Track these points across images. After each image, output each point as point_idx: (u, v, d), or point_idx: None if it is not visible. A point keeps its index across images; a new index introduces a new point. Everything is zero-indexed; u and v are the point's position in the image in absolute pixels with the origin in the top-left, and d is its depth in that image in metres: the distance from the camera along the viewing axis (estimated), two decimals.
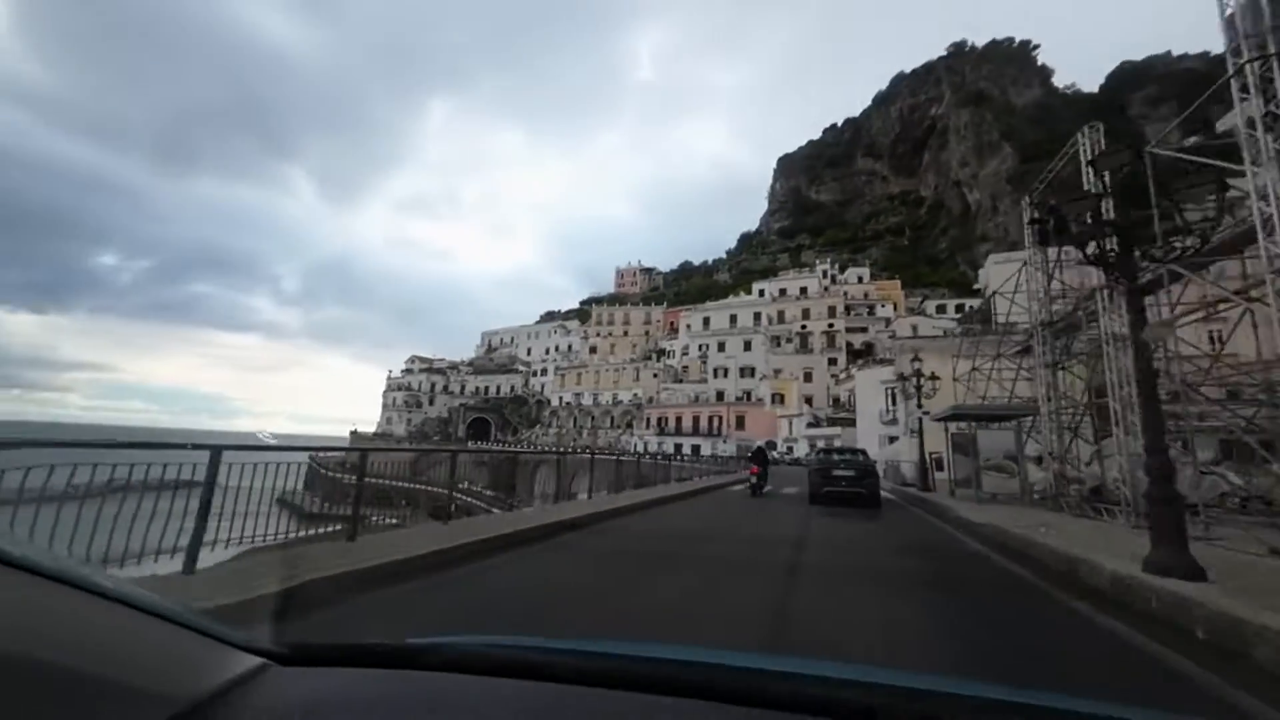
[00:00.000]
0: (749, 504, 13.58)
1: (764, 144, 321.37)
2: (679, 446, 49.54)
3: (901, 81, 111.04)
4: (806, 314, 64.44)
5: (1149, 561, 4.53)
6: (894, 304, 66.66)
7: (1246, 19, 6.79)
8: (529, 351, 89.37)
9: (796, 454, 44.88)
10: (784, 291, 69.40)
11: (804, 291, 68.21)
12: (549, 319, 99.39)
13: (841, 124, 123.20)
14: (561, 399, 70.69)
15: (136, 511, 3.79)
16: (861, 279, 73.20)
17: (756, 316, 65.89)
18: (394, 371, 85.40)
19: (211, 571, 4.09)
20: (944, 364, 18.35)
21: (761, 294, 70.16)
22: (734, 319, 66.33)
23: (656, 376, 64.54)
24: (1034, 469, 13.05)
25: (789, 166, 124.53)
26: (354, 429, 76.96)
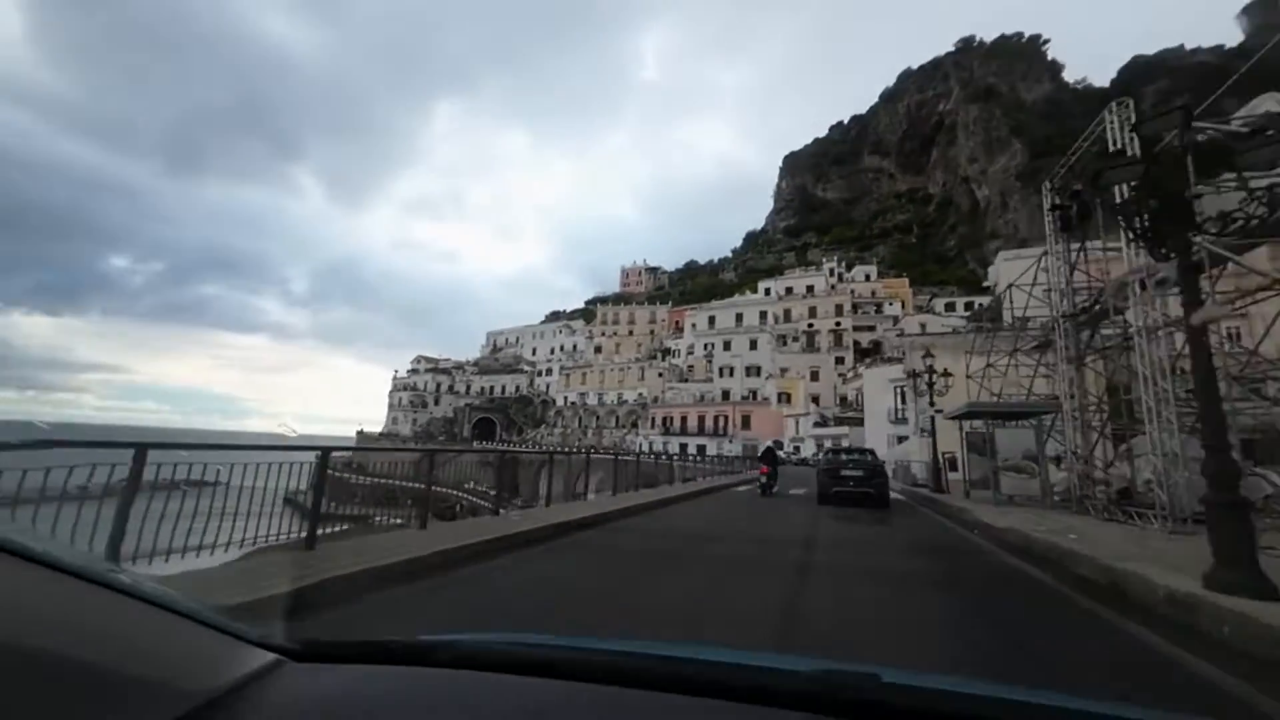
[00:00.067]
0: (758, 504, 13.32)
1: (770, 142, 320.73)
2: (684, 446, 48.97)
3: (909, 78, 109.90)
4: (813, 312, 63.70)
5: (1212, 577, 3.94)
6: (902, 302, 65.79)
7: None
8: (534, 351, 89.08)
9: (803, 454, 44.21)
10: (790, 290, 68.67)
11: (810, 290, 67.49)
12: (554, 319, 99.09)
13: (848, 121, 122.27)
14: (566, 399, 70.35)
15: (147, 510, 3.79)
16: (869, 277, 72.37)
17: (762, 315, 65.19)
18: (400, 372, 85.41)
19: (223, 570, 4.18)
20: (956, 361, 17.75)
21: (768, 292, 69.44)
22: (740, 318, 65.66)
23: (662, 376, 64.02)
24: (1053, 470, 12.46)
25: (795, 165, 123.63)
26: (360, 429, 77.05)
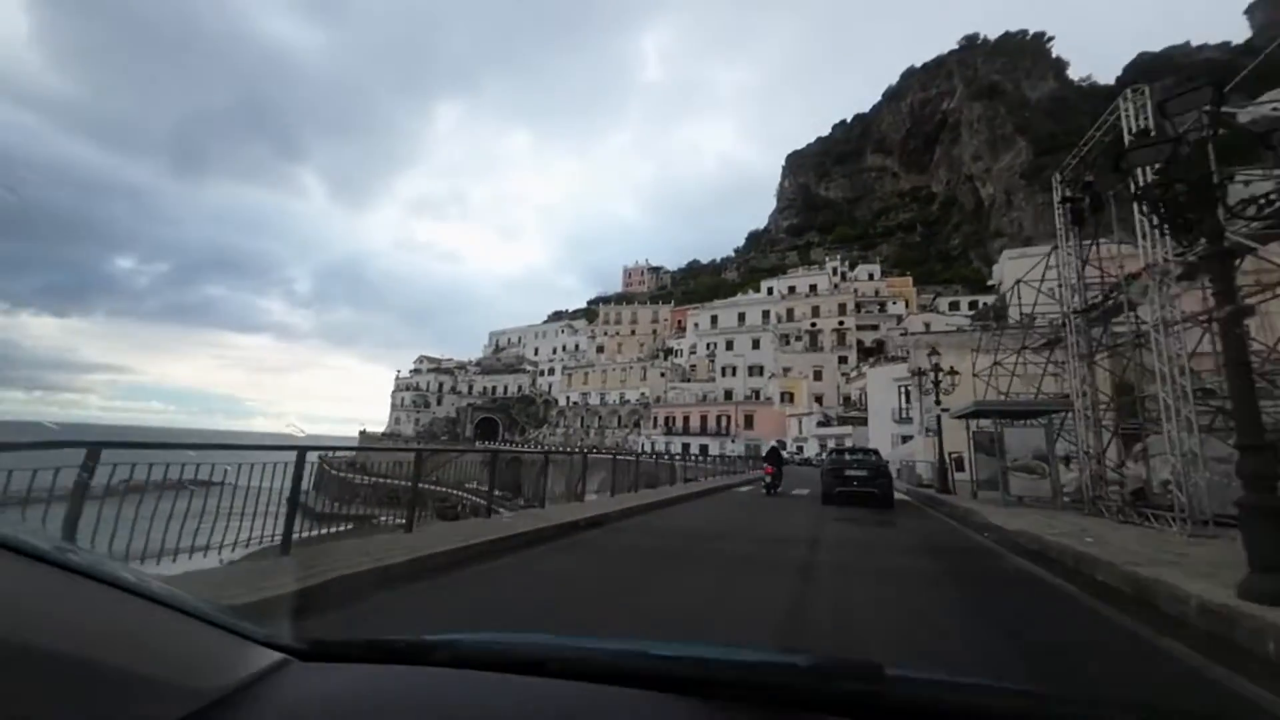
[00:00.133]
0: (762, 504, 13.17)
1: (772, 141, 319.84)
2: (687, 446, 48.69)
3: (912, 76, 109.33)
4: (816, 311, 63.34)
5: (1250, 586, 3.67)
6: (906, 301, 65.41)
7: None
8: (536, 351, 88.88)
9: (806, 454, 43.86)
10: (793, 289, 68.30)
11: (813, 289, 67.11)
12: (556, 319, 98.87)
13: (851, 120, 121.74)
14: (569, 399, 70.15)
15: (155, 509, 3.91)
16: (872, 276, 71.97)
17: (765, 314, 64.85)
18: (402, 371, 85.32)
19: (231, 569, 4.21)
20: (962, 359, 17.46)
21: (770, 292, 69.08)
22: (742, 317, 65.35)
23: (664, 376, 63.74)
24: (1063, 470, 12.16)
25: (798, 164, 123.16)
26: (363, 429, 77.09)
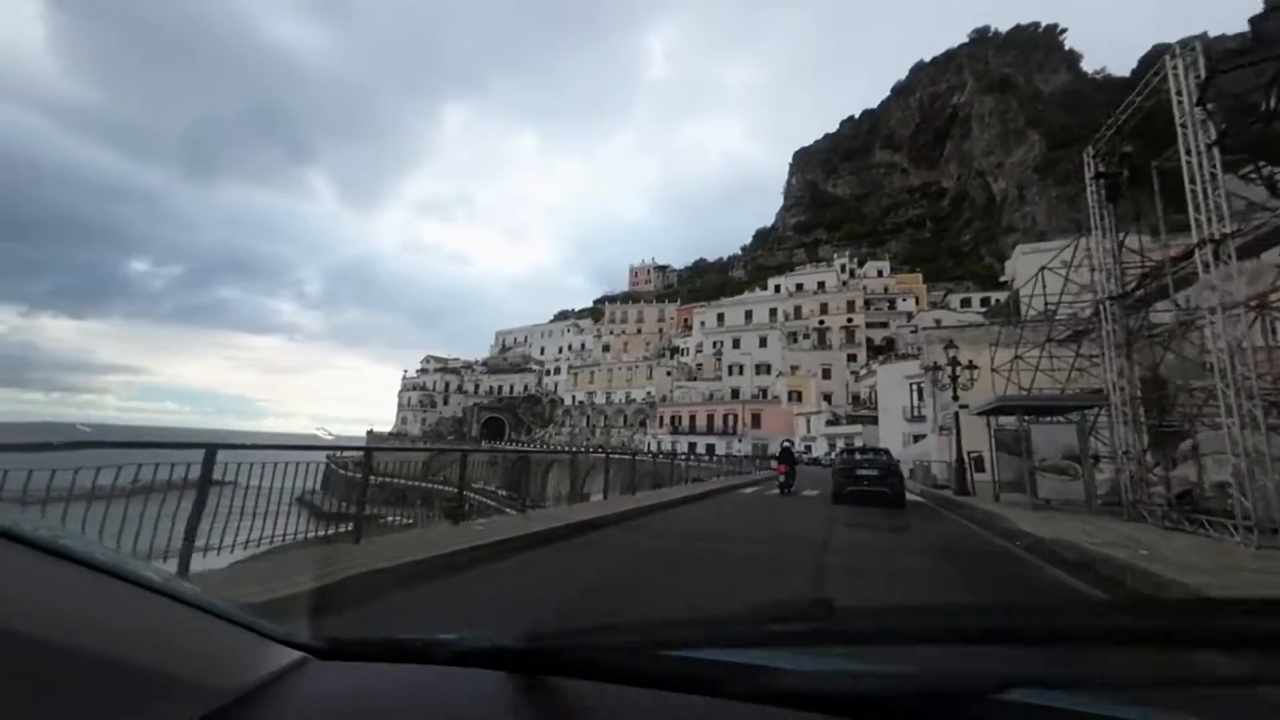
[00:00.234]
0: (772, 504, 12.79)
1: (779, 139, 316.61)
2: (693, 446, 47.96)
3: (921, 70, 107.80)
4: (824, 309, 62.36)
5: None
6: (916, 298, 64.29)
7: None
8: (542, 350, 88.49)
9: (815, 453, 43.02)
10: (801, 286, 67.34)
11: (822, 286, 66.12)
12: (562, 318, 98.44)
13: (859, 116, 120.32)
14: (575, 398, 69.68)
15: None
16: (881, 273, 70.89)
17: (772, 312, 63.95)
18: (409, 371, 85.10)
19: (246, 568, 4.24)
20: (979, 354, 16.70)
21: (778, 289, 68.17)
22: (749, 315, 64.48)
23: (670, 374, 63.07)
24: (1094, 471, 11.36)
25: (805, 161, 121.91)
26: (370, 429, 76.79)
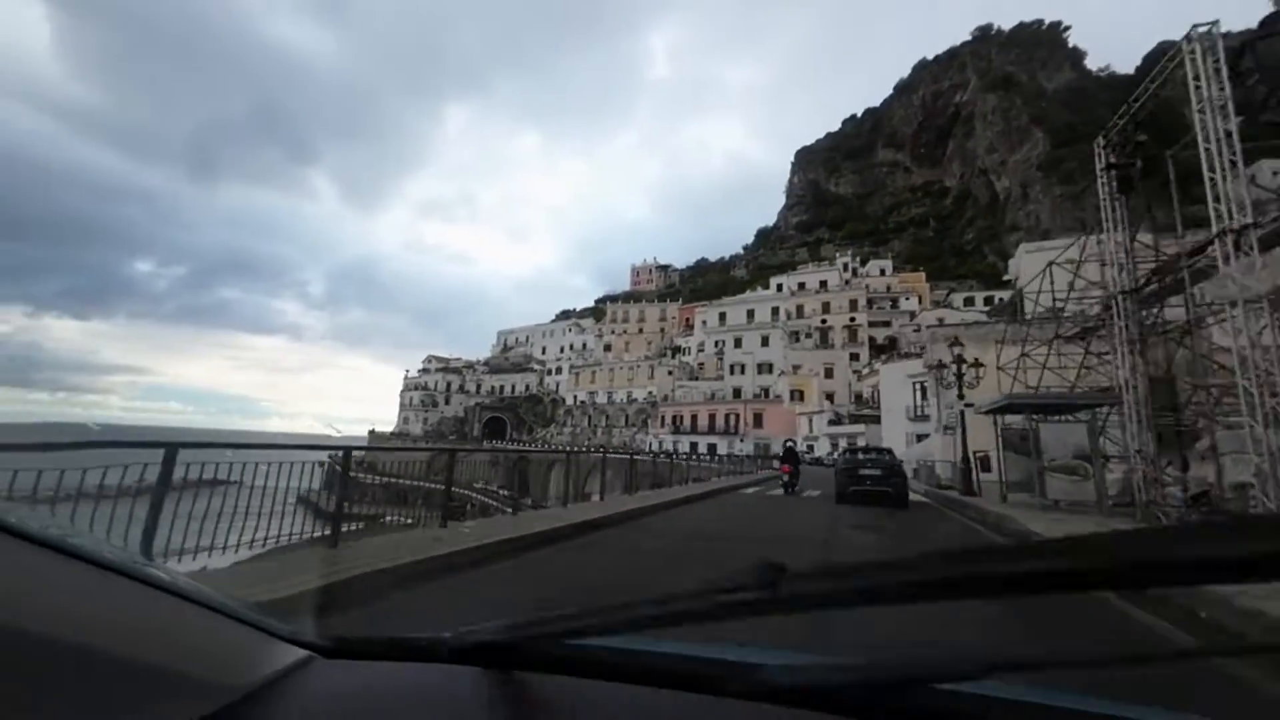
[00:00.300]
0: (775, 504, 12.67)
1: (781, 138, 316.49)
2: (694, 445, 47.76)
3: (924, 69, 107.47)
4: (826, 308, 62.12)
5: None
6: (919, 297, 64.02)
7: None
8: (544, 350, 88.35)
9: (817, 452, 42.78)
10: (803, 285, 67.09)
11: (824, 285, 65.86)
12: (564, 317, 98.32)
13: (861, 114, 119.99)
14: (576, 397, 69.50)
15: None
16: (884, 272, 70.66)
17: (774, 311, 63.70)
18: (411, 371, 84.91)
19: (253, 567, 4.28)
20: (985, 352, 16.49)
21: (779, 288, 67.92)
22: (751, 314, 64.23)
23: (671, 374, 62.87)
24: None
25: (807, 159, 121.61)
26: (372, 429, 76.73)
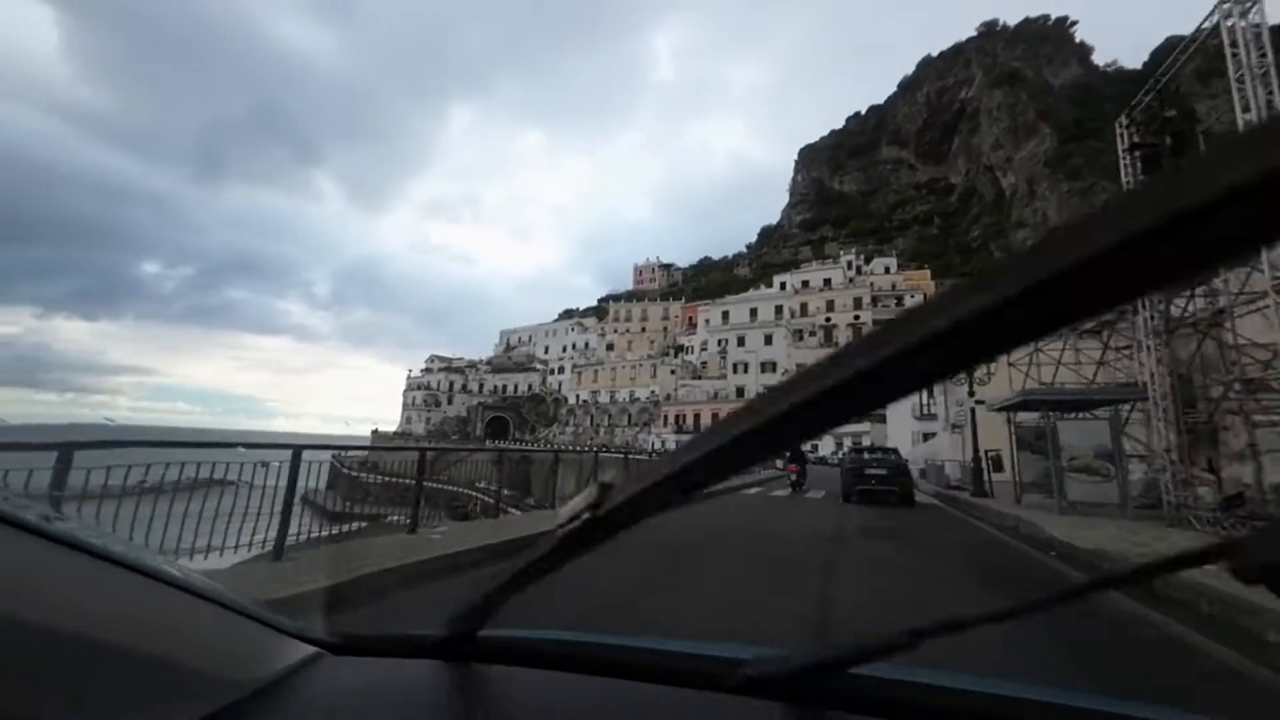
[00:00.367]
0: (779, 505, 12.42)
1: (785, 136, 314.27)
2: None
3: (929, 65, 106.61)
4: (831, 306, 61.53)
5: None
6: (924, 294, 63.24)
7: None
8: (547, 350, 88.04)
9: (821, 451, 42.34)
10: (807, 283, 66.48)
11: (828, 283, 65.23)
12: (567, 316, 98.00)
13: (865, 112, 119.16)
14: (579, 397, 69.17)
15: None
16: (889, 269, 69.99)
17: (778, 309, 63.13)
18: (414, 371, 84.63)
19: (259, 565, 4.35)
20: None
21: (783, 286, 67.29)
22: (754, 312, 63.67)
23: (674, 373, 62.45)
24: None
25: (811, 157, 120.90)
26: (375, 428, 76.62)
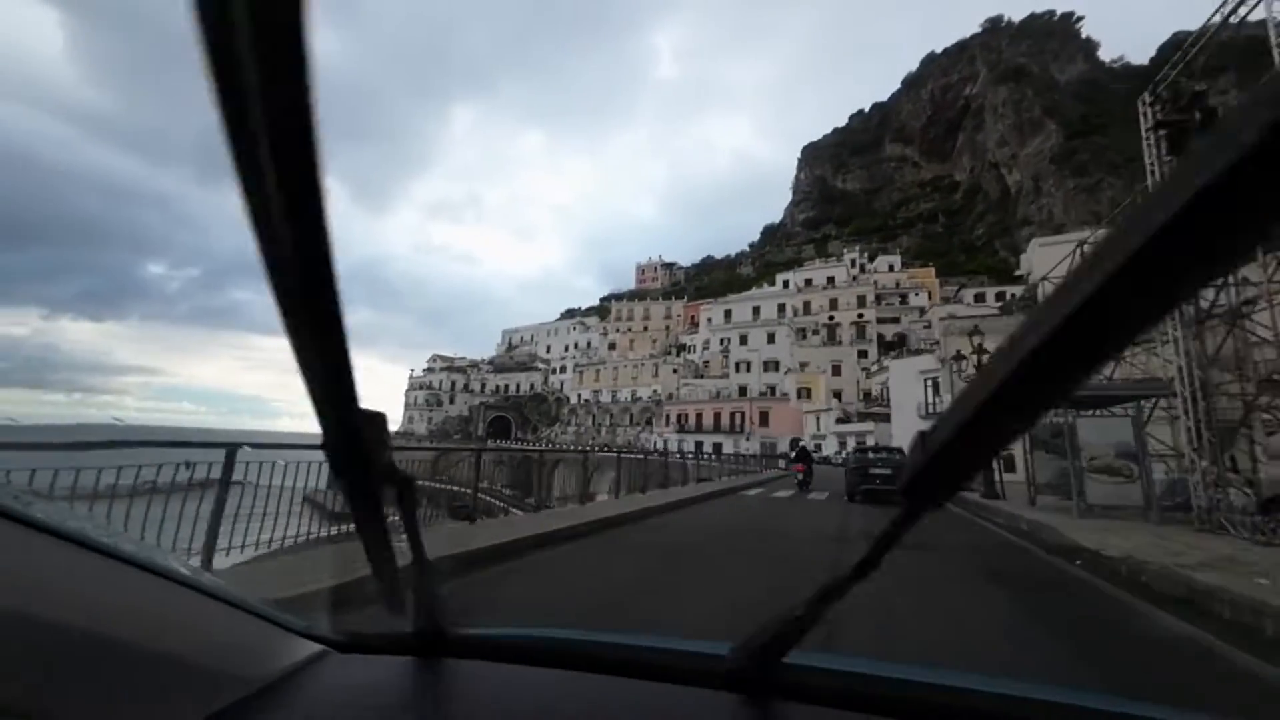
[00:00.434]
0: (781, 505, 12.19)
1: (788, 134, 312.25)
2: (700, 444, 46.79)
3: (932, 61, 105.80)
4: (834, 304, 60.91)
5: None
6: (929, 292, 62.63)
7: None
8: (549, 349, 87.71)
9: (825, 451, 41.68)
10: (810, 282, 65.89)
11: (831, 281, 64.62)
12: (569, 316, 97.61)
13: (869, 109, 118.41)
14: (581, 396, 68.87)
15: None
16: (893, 267, 69.36)
17: (781, 308, 62.57)
18: (415, 370, 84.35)
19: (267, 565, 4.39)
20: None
21: (786, 285, 66.75)
22: (757, 311, 63.12)
23: (676, 372, 62.04)
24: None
25: (814, 155, 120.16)
26: None
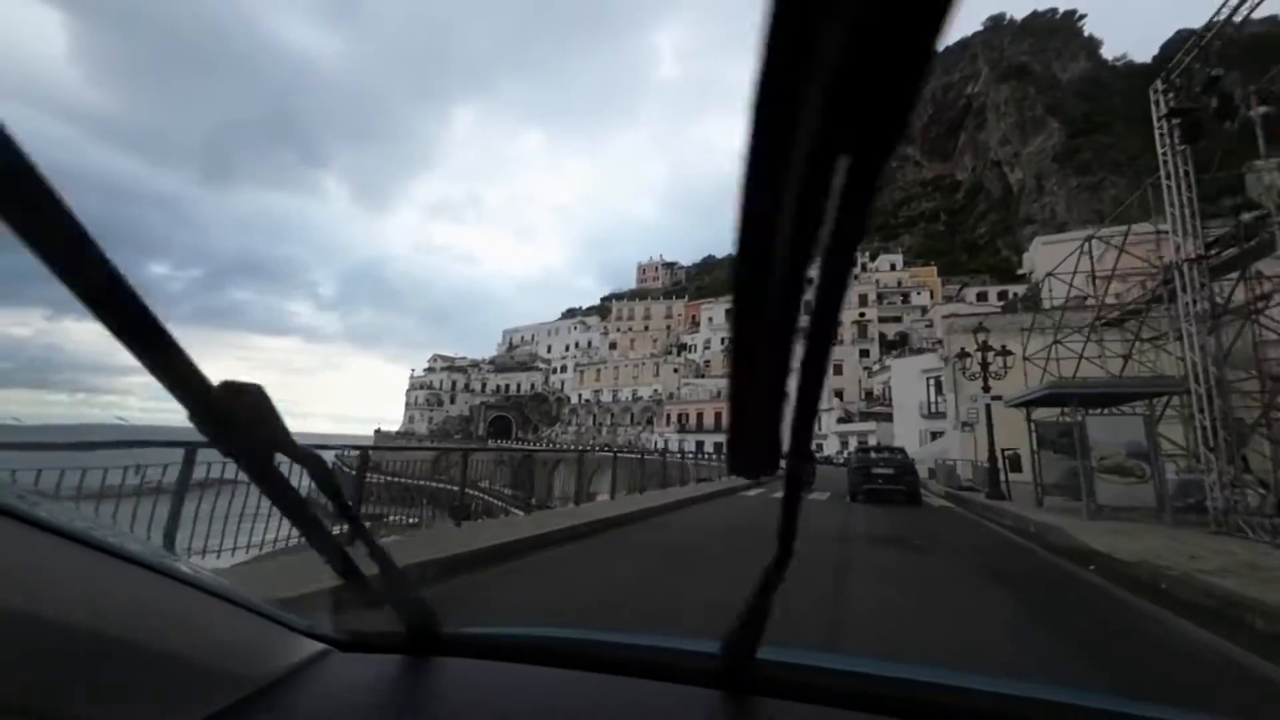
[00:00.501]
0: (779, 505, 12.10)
1: None
2: (700, 444, 46.59)
3: (934, 60, 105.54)
4: None
5: None
6: (930, 291, 62.34)
7: None
8: (549, 349, 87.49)
9: (826, 451, 41.44)
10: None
11: None
12: (570, 315, 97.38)
13: None
14: (581, 396, 68.70)
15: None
16: (895, 266, 69.05)
17: None
18: (416, 370, 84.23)
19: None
20: (1009, 342, 15.23)
21: None
22: None
23: (677, 371, 61.84)
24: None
25: None
26: (378, 428, 76.43)
